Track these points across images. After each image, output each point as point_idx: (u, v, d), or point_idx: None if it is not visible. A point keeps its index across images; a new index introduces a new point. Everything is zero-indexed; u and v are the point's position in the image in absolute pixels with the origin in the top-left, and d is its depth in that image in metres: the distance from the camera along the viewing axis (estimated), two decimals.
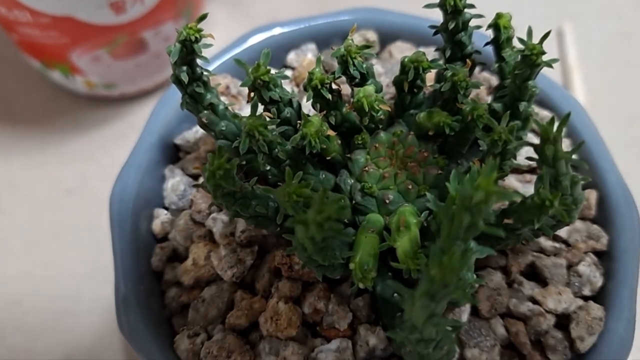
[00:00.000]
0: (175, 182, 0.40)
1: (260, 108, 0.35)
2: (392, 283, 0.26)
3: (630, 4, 0.72)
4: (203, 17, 0.31)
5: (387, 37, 0.46)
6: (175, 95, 0.36)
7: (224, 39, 0.57)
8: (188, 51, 0.32)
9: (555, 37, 0.70)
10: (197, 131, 0.42)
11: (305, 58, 0.45)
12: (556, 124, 0.28)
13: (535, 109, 0.42)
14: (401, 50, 0.45)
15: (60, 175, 0.63)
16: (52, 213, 0.61)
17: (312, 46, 0.45)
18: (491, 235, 0.32)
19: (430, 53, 0.43)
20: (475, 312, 0.35)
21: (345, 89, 0.39)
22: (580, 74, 0.67)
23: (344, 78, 0.36)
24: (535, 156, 0.29)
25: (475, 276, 0.31)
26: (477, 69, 0.43)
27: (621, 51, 0.69)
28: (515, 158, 0.32)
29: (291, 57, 0.45)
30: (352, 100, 0.35)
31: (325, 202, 0.26)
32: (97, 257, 0.57)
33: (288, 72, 0.45)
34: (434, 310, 0.25)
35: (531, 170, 0.40)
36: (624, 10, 0.72)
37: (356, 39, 0.45)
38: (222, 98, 0.42)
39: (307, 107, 0.38)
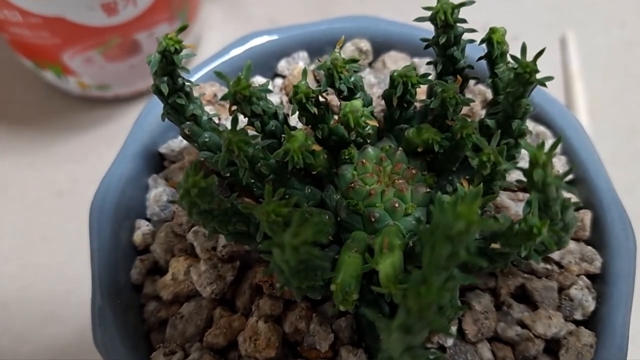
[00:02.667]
0: (158, 193, 0.39)
1: (245, 120, 0.34)
2: (368, 312, 0.25)
3: (634, 13, 0.71)
4: (183, 28, 0.30)
5: (381, 47, 0.45)
6: (160, 103, 0.35)
7: (220, 41, 0.56)
8: (168, 62, 0.31)
9: (559, 44, 0.69)
10: (182, 140, 0.41)
11: (296, 66, 0.43)
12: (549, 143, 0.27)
13: (531, 124, 0.40)
14: (395, 60, 0.44)
15: (52, 177, 0.62)
16: (42, 215, 0.60)
17: (304, 54, 0.44)
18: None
19: (424, 64, 0.42)
20: (461, 335, 0.34)
21: (335, 100, 0.38)
22: (582, 82, 0.66)
23: (333, 90, 0.35)
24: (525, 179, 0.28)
25: (460, 301, 0.30)
26: (472, 82, 0.42)
27: (624, 60, 0.68)
28: (505, 179, 0.31)
29: (282, 65, 0.44)
30: (339, 113, 0.33)
31: (302, 223, 0.25)
32: (86, 261, 0.56)
33: (278, 81, 0.44)
34: (410, 342, 0.24)
35: (524, 189, 0.38)
36: (628, 19, 0.71)
37: (349, 48, 0.44)
38: (209, 107, 0.41)
39: (296, 118, 0.36)
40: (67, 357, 0.54)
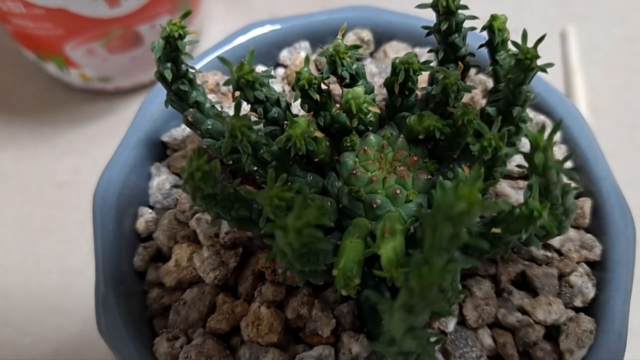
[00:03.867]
0: (161, 181, 0.39)
1: (248, 107, 0.34)
2: (370, 293, 0.25)
3: (635, 8, 0.71)
4: (187, 14, 0.31)
5: (382, 37, 0.45)
6: (162, 92, 0.35)
7: (221, 34, 0.56)
8: (172, 48, 0.31)
9: (559, 39, 0.69)
10: (184, 129, 0.41)
11: (298, 56, 0.44)
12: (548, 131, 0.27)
13: (531, 113, 0.41)
14: (396, 50, 0.44)
15: (53, 168, 0.62)
16: (44, 207, 0.60)
17: (305, 44, 0.44)
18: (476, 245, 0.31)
19: (426, 54, 0.42)
20: (462, 321, 0.34)
21: (337, 89, 0.38)
22: (582, 77, 0.66)
23: (335, 78, 0.35)
24: (526, 164, 0.28)
25: (460, 286, 0.30)
26: (473, 71, 0.42)
27: (625, 55, 0.68)
28: (505, 165, 0.31)
29: (284, 54, 0.44)
30: (341, 101, 0.34)
31: (305, 207, 0.25)
32: (88, 252, 0.56)
33: (280, 70, 0.44)
34: (412, 323, 0.24)
35: (524, 177, 0.39)
36: (629, 14, 0.71)
37: (350, 37, 0.44)
38: (212, 95, 0.42)
39: (298, 106, 0.37)
40: (68, 348, 0.54)
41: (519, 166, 0.29)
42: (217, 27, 0.70)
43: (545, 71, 0.31)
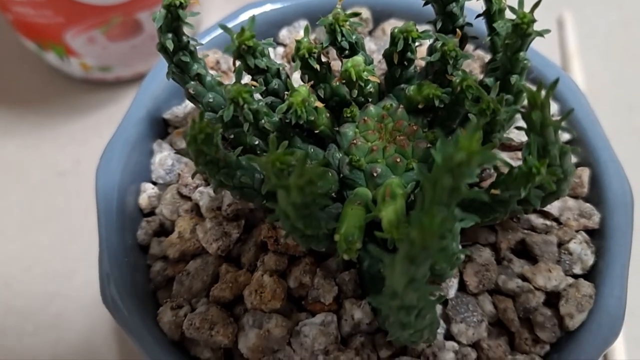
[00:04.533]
0: (163, 157, 0.39)
1: (248, 78, 0.35)
2: (372, 248, 0.25)
3: None
4: None
5: (380, 15, 0.45)
6: (164, 70, 0.36)
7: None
8: (173, 17, 0.32)
9: (556, 25, 0.70)
10: (186, 106, 0.41)
11: (297, 35, 0.44)
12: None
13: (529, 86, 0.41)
14: None
15: (55, 158, 0.63)
16: (46, 195, 0.61)
17: (304, 23, 0.45)
18: (478, 207, 0.31)
19: (424, 26, 0.42)
20: (463, 287, 0.34)
21: (337, 65, 0.38)
22: (580, 62, 0.66)
23: (335, 55, 0.36)
24: (525, 125, 0.29)
25: (460, 247, 0.31)
26: (471, 47, 0.43)
27: (622, 40, 0.69)
28: (504, 129, 0.32)
29: (283, 33, 0.45)
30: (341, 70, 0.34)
31: (306, 165, 0.25)
32: (90, 240, 0.57)
33: (280, 49, 0.45)
34: (414, 274, 0.24)
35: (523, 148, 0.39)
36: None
37: None
38: (212, 72, 0.42)
39: (298, 81, 0.37)
40: (71, 336, 0.54)
41: (518, 128, 0.29)
42: (216, 18, 0.70)
43: (542, 35, 0.31)
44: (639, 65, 0.67)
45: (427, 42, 0.37)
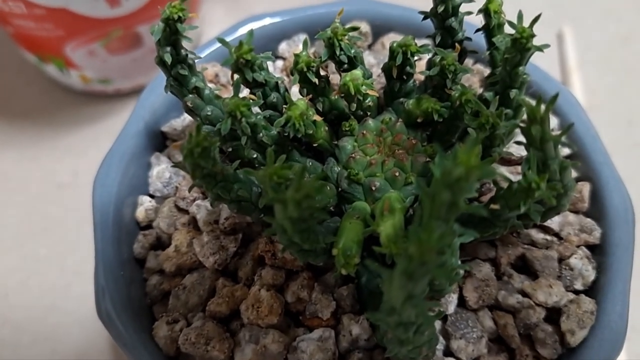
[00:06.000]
0: (161, 170, 0.39)
1: (247, 92, 0.35)
2: (371, 263, 0.25)
3: (630, 8, 0.72)
4: None
5: (380, 29, 0.45)
6: (163, 83, 0.35)
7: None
8: (172, 31, 0.32)
9: (556, 40, 0.70)
10: (184, 119, 0.41)
11: (296, 48, 0.44)
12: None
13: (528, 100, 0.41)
14: None
15: (53, 169, 0.63)
16: (44, 207, 0.60)
17: (303, 37, 0.45)
18: (477, 222, 0.31)
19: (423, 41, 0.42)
20: (462, 303, 0.34)
21: (335, 79, 0.38)
22: (580, 77, 0.66)
23: (334, 69, 0.36)
24: (524, 140, 0.28)
25: (460, 262, 0.30)
26: (470, 61, 0.43)
27: (621, 55, 0.69)
28: (504, 144, 0.31)
29: (282, 47, 0.45)
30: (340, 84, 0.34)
31: (304, 179, 0.25)
32: (87, 252, 0.56)
33: (279, 63, 0.45)
34: (412, 290, 0.24)
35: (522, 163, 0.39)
36: (625, 14, 0.71)
37: None
38: (211, 85, 0.42)
39: (297, 95, 0.37)
40: (66, 349, 0.54)
41: (517, 142, 0.29)
42: (216, 31, 0.70)
43: (541, 50, 0.31)
44: (638, 79, 0.67)
45: (426, 56, 0.37)
